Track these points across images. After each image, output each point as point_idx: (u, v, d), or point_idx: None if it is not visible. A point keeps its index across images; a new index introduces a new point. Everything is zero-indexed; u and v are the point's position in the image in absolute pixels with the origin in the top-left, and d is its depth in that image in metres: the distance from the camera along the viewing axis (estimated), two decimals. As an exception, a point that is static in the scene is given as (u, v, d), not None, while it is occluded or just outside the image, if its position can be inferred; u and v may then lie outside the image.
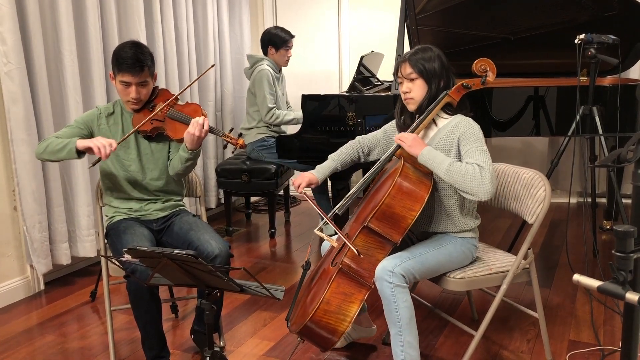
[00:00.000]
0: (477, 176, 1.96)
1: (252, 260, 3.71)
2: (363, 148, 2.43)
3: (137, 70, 2.29)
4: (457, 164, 2.01)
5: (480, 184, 1.96)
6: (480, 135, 2.09)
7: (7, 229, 3.12)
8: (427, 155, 2.05)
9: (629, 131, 3.26)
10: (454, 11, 3.60)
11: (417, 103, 2.18)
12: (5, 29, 2.89)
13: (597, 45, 2.97)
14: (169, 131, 2.40)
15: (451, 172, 1.99)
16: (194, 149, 2.33)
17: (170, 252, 1.67)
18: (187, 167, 2.40)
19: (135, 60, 2.28)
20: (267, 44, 4.16)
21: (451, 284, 2.17)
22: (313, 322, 2.00)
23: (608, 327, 2.66)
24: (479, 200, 2.00)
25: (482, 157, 2.01)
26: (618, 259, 1.19)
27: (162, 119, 2.39)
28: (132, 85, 2.32)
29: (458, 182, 1.99)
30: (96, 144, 2.19)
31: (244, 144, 2.39)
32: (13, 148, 3.02)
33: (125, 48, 2.32)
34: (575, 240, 3.77)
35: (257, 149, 4.08)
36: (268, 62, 4.12)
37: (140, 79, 2.32)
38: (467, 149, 2.06)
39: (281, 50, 4.14)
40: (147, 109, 2.41)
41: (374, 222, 2.02)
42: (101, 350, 2.60)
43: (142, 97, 2.37)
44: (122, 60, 2.29)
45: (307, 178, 2.31)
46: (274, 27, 4.27)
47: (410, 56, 2.16)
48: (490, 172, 1.98)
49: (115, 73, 2.34)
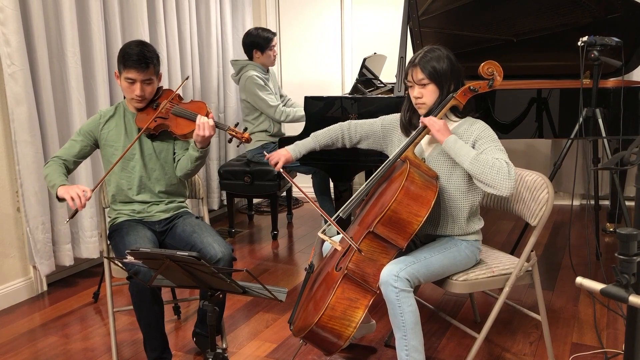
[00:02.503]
0: (504, 170, 1.95)
1: (255, 262, 3.72)
2: (352, 134, 2.37)
3: (142, 67, 2.30)
4: (484, 155, 2.00)
5: (507, 178, 1.95)
6: (496, 137, 2.09)
7: (10, 230, 3.13)
8: (454, 142, 2.03)
9: (632, 133, 3.25)
10: (457, 13, 3.60)
11: (429, 107, 2.16)
12: (9, 31, 2.90)
13: (600, 48, 2.96)
14: (173, 127, 2.39)
15: (478, 162, 1.98)
16: (204, 147, 2.35)
17: (173, 253, 1.67)
18: (197, 165, 2.40)
19: (141, 56, 2.30)
20: (251, 48, 4.08)
21: (454, 287, 2.16)
22: (319, 327, 1.99)
23: (611, 329, 2.66)
24: (500, 194, 1.97)
25: (503, 156, 2.02)
26: (621, 261, 1.19)
27: (166, 116, 2.39)
28: (137, 83, 2.33)
29: (484, 172, 1.97)
30: (71, 194, 2.16)
31: (250, 137, 2.37)
32: (16, 149, 3.03)
33: (131, 45, 2.34)
34: (578, 243, 3.76)
35: (258, 156, 4.07)
36: (253, 66, 4.04)
37: (145, 76, 2.33)
38: (485, 148, 2.05)
39: (267, 52, 4.07)
40: (151, 108, 2.42)
41: (380, 227, 2.00)
42: (104, 352, 2.61)
43: (147, 95, 2.37)
44: (128, 57, 2.30)
45: (283, 156, 2.29)
46: (254, 28, 4.17)
47: (420, 60, 2.13)
48: (514, 170, 1.98)
49: (120, 70, 2.35)
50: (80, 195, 2.15)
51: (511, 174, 1.96)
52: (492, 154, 2.02)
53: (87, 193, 2.17)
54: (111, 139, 2.42)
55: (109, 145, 2.42)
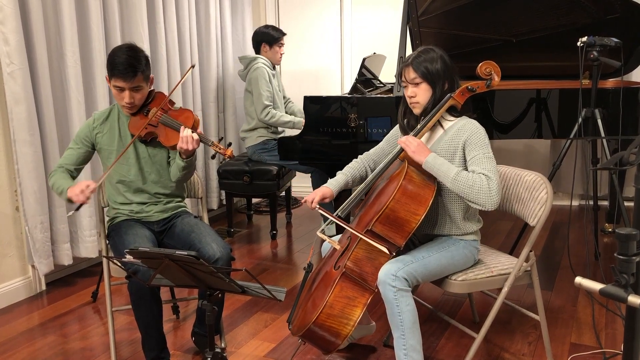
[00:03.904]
0: (484, 188, 1.96)
1: (253, 262, 3.71)
2: (369, 163, 2.39)
3: (129, 76, 2.26)
4: (463, 173, 2.00)
5: (488, 196, 1.96)
6: (486, 140, 2.08)
7: (9, 229, 3.13)
8: (433, 163, 2.04)
9: (631, 134, 3.26)
10: (456, 13, 3.60)
11: (423, 107, 2.17)
12: (8, 30, 2.89)
13: (599, 48, 2.97)
14: (161, 137, 2.37)
15: (458, 182, 1.99)
16: (189, 157, 2.34)
17: (172, 252, 1.67)
18: (185, 174, 2.40)
19: (127, 65, 2.25)
20: (259, 42, 4.16)
21: (452, 286, 2.16)
22: (317, 325, 1.99)
23: (609, 330, 2.66)
24: (486, 210, 2.01)
25: (489, 166, 2.01)
26: (620, 261, 1.19)
27: (155, 124, 2.37)
28: (125, 90, 2.30)
29: (465, 192, 1.99)
30: (74, 191, 2.21)
31: (232, 154, 2.32)
32: (15, 148, 3.02)
33: (118, 53, 2.29)
34: (576, 243, 3.76)
35: (258, 152, 4.08)
36: (263, 60, 4.11)
37: (133, 84, 2.29)
38: (472, 156, 2.05)
39: (274, 47, 4.14)
40: (142, 113, 2.39)
41: (378, 226, 2.01)
42: (102, 351, 2.60)
43: (137, 101, 2.35)
44: (115, 66, 2.26)
45: (321, 192, 2.25)
46: (264, 26, 4.25)
47: (412, 60, 2.15)
48: (497, 182, 1.98)
49: (109, 77, 2.33)
50: (83, 190, 2.20)
51: (492, 189, 1.96)
52: (476, 164, 2.02)
53: (90, 187, 2.22)
54: (105, 142, 2.41)
55: (104, 148, 2.42)
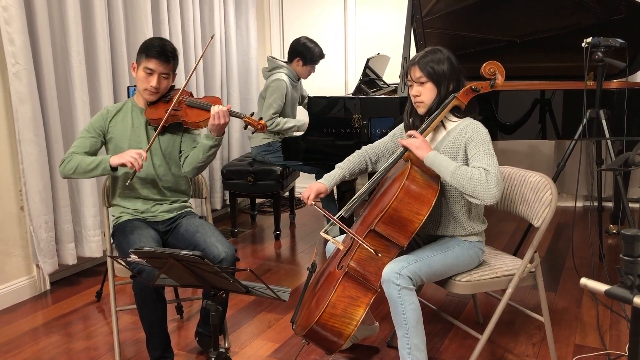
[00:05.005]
0: (482, 180, 1.96)
1: (257, 262, 3.72)
2: (370, 156, 2.40)
3: (163, 60, 2.36)
4: (463, 167, 2.00)
5: (487, 188, 1.95)
6: (488, 139, 2.08)
7: (14, 228, 3.14)
8: (433, 158, 2.05)
9: (636, 135, 3.25)
10: (461, 14, 3.60)
11: (427, 106, 2.17)
12: (13, 30, 2.90)
13: (604, 49, 2.96)
14: (185, 117, 2.42)
15: (457, 176, 1.99)
16: (219, 136, 2.38)
17: (177, 252, 1.68)
18: (209, 156, 2.42)
19: (164, 49, 2.36)
20: (296, 55, 4.03)
21: (457, 287, 2.16)
22: (319, 325, 2.00)
23: (614, 331, 2.65)
24: (485, 204, 2.00)
25: (489, 161, 2.01)
26: (626, 263, 1.19)
27: (178, 108, 2.43)
28: (155, 74, 2.37)
29: (464, 185, 1.98)
30: (128, 159, 2.24)
31: (265, 124, 2.44)
32: (20, 148, 3.03)
33: (156, 39, 2.43)
34: (581, 244, 3.75)
35: (263, 153, 4.08)
36: (287, 71, 4.02)
37: (165, 69, 2.38)
38: (473, 153, 2.05)
39: (308, 65, 4.06)
40: (163, 102, 2.45)
41: (381, 225, 2.01)
42: (106, 351, 2.61)
43: (162, 88, 2.41)
44: (153, 47, 2.36)
45: (315, 188, 2.25)
46: (310, 40, 4.07)
47: (419, 59, 2.15)
48: (497, 175, 1.97)
49: (140, 60, 2.38)
50: (137, 158, 2.24)
51: (490, 182, 1.95)
52: (477, 160, 2.02)
53: (142, 154, 2.26)
54: (117, 132, 2.43)
55: (115, 137, 2.44)
